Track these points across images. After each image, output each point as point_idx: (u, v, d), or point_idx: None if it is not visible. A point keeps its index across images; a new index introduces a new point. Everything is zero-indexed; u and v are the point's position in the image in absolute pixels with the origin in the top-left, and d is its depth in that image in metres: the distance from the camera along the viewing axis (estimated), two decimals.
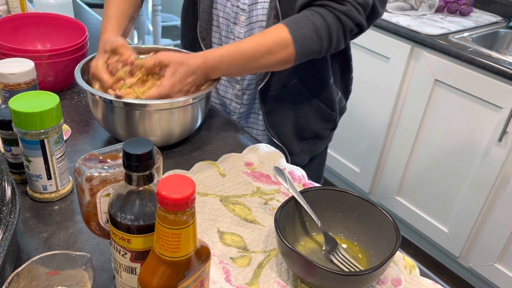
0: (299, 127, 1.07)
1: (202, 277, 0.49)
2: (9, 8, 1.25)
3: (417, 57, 1.81)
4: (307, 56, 0.86)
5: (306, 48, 0.84)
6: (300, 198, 0.68)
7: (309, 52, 0.86)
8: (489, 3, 2.09)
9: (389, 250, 0.62)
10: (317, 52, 0.86)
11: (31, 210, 0.71)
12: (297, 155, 1.10)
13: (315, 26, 0.83)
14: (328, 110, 1.07)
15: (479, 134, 1.68)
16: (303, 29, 0.83)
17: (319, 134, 1.11)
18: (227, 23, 0.99)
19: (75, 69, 0.86)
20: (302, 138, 1.09)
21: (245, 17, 0.96)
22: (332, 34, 0.85)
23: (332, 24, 0.84)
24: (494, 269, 1.77)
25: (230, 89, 1.07)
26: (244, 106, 1.07)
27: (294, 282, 0.64)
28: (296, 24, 0.84)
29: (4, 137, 0.73)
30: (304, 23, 0.83)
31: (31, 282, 0.50)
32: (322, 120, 1.08)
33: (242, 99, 1.06)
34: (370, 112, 2.07)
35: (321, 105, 1.06)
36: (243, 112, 1.09)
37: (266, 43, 0.83)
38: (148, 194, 0.48)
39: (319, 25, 0.83)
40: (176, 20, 4.14)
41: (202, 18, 1.01)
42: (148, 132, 0.83)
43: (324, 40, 0.85)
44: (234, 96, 1.07)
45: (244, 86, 1.04)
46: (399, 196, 2.07)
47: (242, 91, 1.05)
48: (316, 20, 0.84)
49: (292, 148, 1.08)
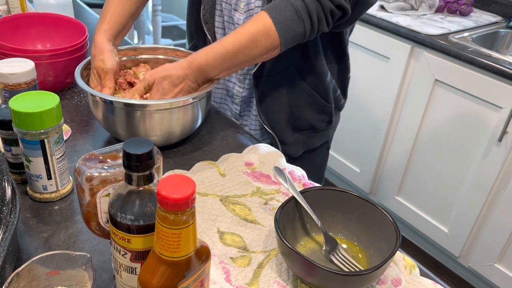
0: (293, 117, 1.07)
1: (202, 277, 0.49)
2: (9, 8, 1.25)
3: (417, 57, 1.81)
4: (292, 38, 0.86)
5: (289, 29, 0.84)
6: (300, 198, 0.68)
7: (294, 34, 0.86)
8: (489, 3, 2.09)
9: (389, 250, 0.62)
10: (301, 34, 0.86)
11: (31, 210, 0.71)
12: (290, 146, 1.10)
13: (294, 7, 0.84)
14: (323, 101, 1.07)
15: (479, 134, 1.69)
16: (283, 12, 0.84)
17: (314, 126, 1.11)
18: (229, 8, 1.00)
19: (75, 70, 0.87)
20: (297, 129, 1.10)
21: (244, 3, 0.97)
22: (312, 14, 0.85)
23: (310, 3, 0.84)
24: (494, 269, 1.77)
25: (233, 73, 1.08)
26: (246, 90, 1.08)
27: (294, 282, 0.64)
28: (276, 8, 0.84)
29: (4, 137, 0.73)
30: (283, 6, 0.84)
31: (31, 282, 0.50)
32: (316, 110, 1.08)
33: (244, 83, 1.07)
34: (370, 112, 2.07)
35: (316, 95, 1.06)
36: (245, 96, 1.09)
37: (248, 32, 0.84)
38: (148, 194, 0.48)
39: (298, 5, 0.84)
40: (176, 20, 4.14)
41: (206, 1, 1.01)
42: (149, 132, 0.83)
43: (306, 20, 0.85)
44: (237, 80, 1.08)
45: (245, 71, 1.05)
46: (399, 196, 2.07)
47: (243, 76, 1.06)
48: (295, 1, 0.84)
49: (285, 137, 1.08)
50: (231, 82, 1.09)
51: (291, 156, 1.11)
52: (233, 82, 1.09)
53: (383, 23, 1.87)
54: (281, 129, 1.08)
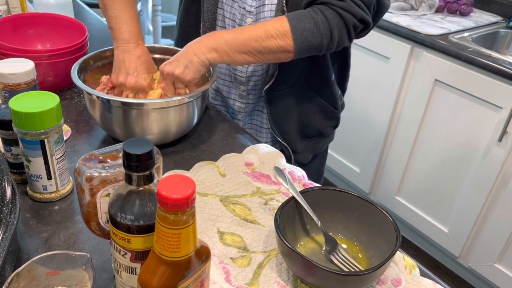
0: (303, 125, 1.07)
1: (202, 277, 0.49)
2: (9, 8, 1.25)
3: (417, 57, 1.81)
4: (307, 49, 0.87)
5: (304, 40, 0.85)
6: (300, 198, 0.68)
7: (309, 45, 0.86)
8: (489, 3, 2.09)
9: (389, 250, 0.62)
10: (317, 47, 0.87)
11: (31, 210, 0.71)
12: (300, 153, 1.10)
13: (314, 20, 0.84)
14: (331, 108, 1.08)
15: (479, 134, 1.68)
16: (303, 22, 0.84)
17: (322, 132, 1.11)
18: (232, 24, 0.99)
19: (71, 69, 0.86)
20: (306, 136, 1.10)
21: (252, 19, 0.96)
22: (333, 29, 0.85)
23: (332, 19, 0.85)
24: (494, 269, 1.77)
25: (233, 89, 1.07)
26: (249, 106, 1.07)
27: (294, 282, 0.64)
28: (297, 17, 0.85)
29: (4, 137, 0.73)
30: (304, 17, 0.85)
31: (31, 282, 0.50)
32: (325, 117, 1.09)
33: (247, 99, 1.06)
34: (370, 112, 2.07)
35: (325, 104, 1.06)
36: (248, 111, 1.09)
37: (265, 28, 0.84)
38: (148, 194, 0.48)
39: (319, 20, 0.84)
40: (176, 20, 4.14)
41: (206, 18, 1.00)
42: (145, 130, 0.83)
43: (324, 36, 0.85)
44: (238, 96, 1.07)
45: (250, 87, 1.04)
46: (399, 196, 2.07)
47: (247, 91, 1.05)
48: (317, 15, 0.85)
49: (296, 146, 1.09)
50: (231, 99, 1.09)
51: (301, 163, 1.11)
52: (232, 98, 1.08)
53: (383, 23, 1.87)
54: (292, 138, 1.08)
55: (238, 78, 1.03)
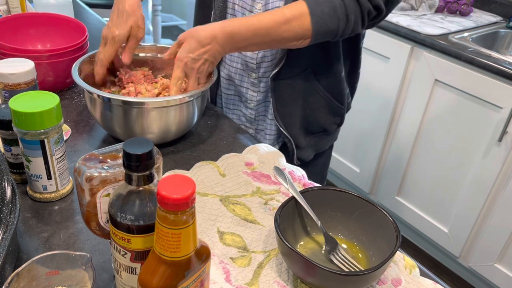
0: (307, 120, 1.07)
1: (202, 277, 0.49)
2: (9, 8, 1.25)
3: (417, 57, 1.81)
4: (323, 34, 0.87)
5: (322, 24, 0.85)
6: (300, 198, 0.68)
7: (326, 30, 0.86)
8: (489, 3, 2.09)
9: (389, 250, 0.62)
10: (334, 31, 0.87)
11: (31, 210, 0.71)
12: (303, 149, 1.10)
13: (333, 4, 0.85)
14: (337, 103, 1.07)
15: (479, 134, 1.68)
16: (321, 6, 0.85)
17: (326, 129, 1.11)
18: (242, 11, 0.99)
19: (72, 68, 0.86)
20: (309, 132, 1.09)
21: (262, 5, 0.96)
22: (350, 13, 0.85)
23: (349, 4, 0.85)
24: (494, 269, 1.77)
25: (246, 78, 1.07)
26: (261, 94, 1.07)
27: (294, 282, 0.64)
28: (315, 1, 0.85)
29: (4, 137, 0.73)
30: (323, 1, 0.85)
31: (31, 282, 0.50)
32: (330, 113, 1.08)
33: (259, 87, 1.06)
34: (370, 112, 2.07)
35: (331, 98, 1.06)
36: (260, 100, 1.08)
37: (284, 14, 0.85)
38: (148, 194, 0.48)
39: (337, 3, 0.85)
40: (176, 20, 4.14)
41: (217, 6, 1.01)
42: (145, 129, 0.83)
43: (341, 20, 0.86)
44: (250, 85, 1.07)
45: (260, 74, 1.04)
46: (399, 196, 2.07)
47: (258, 79, 1.05)
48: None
49: (299, 141, 1.08)
50: (243, 87, 1.08)
51: (303, 161, 1.11)
52: (245, 87, 1.08)
53: (383, 23, 1.87)
54: (296, 133, 1.07)
55: (249, 65, 1.03)
